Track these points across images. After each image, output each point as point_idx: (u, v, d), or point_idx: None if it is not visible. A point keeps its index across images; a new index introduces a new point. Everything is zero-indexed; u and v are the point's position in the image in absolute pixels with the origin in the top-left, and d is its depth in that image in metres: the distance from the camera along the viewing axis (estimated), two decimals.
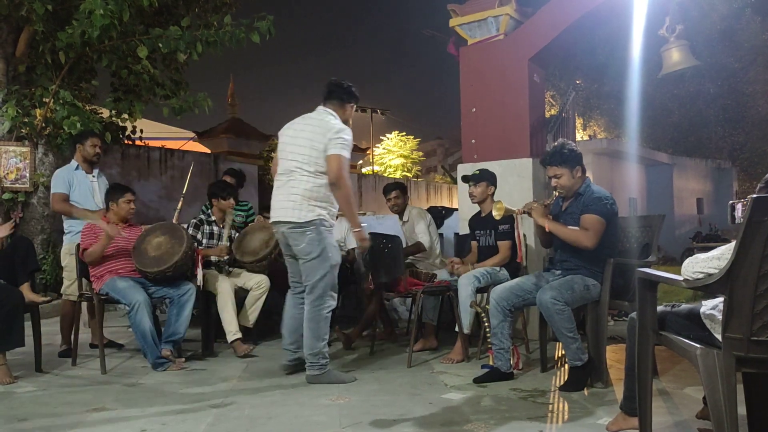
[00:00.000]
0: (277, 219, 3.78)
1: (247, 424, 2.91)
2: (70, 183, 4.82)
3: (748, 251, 1.89)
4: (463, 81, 5.40)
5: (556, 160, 3.61)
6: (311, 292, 3.74)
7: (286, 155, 3.80)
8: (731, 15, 17.80)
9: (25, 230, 7.12)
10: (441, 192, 21.47)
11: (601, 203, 3.49)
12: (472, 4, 5.30)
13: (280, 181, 3.81)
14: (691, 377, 3.51)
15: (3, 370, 3.76)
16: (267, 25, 6.72)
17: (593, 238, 3.44)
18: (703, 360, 2.01)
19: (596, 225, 3.45)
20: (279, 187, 3.81)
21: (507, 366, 3.64)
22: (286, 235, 3.76)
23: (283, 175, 3.79)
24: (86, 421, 3.00)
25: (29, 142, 7.15)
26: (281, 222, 3.75)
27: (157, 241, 4.36)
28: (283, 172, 3.79)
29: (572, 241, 3.49)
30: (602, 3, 4.84)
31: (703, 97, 21.34)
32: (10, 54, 7.18)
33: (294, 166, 3.74)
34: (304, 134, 3.77)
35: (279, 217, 3.76)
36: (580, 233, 3.47)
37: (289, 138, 3.83)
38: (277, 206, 3.79)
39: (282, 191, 3.77)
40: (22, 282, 4.03)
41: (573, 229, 3.51)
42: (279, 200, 3.79)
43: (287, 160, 3.78)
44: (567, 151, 3.60)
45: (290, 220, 3.69)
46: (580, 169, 3.62)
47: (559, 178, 3.62)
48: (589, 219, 3.47)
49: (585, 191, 3.60)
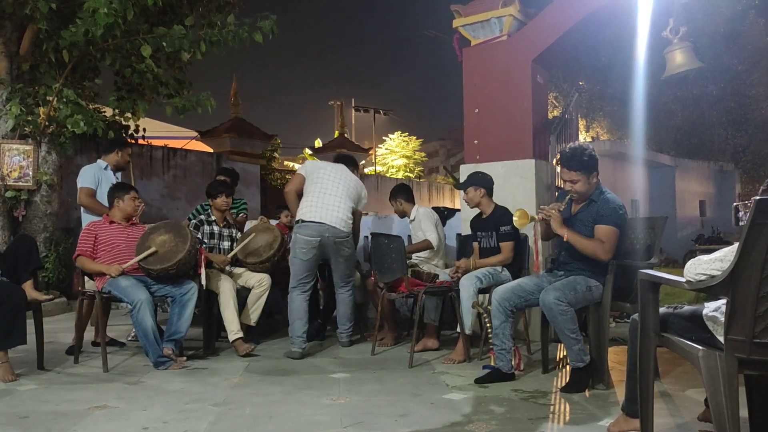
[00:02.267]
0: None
1: (248, 423, 2.91)
2: (99, 180, 4.90)
3: (750, 253, 1.89)
4: (466, 81, 5.39)
5: (575, 165, 3.50)
6: (348, 283, 4.79)
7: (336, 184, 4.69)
8: (735, 17, 17.75)
9: (28, 228, 7.13)
10: (443, 193, 21.48)
11: (615, 213, 3.45)
12: (475, 4, 5.29)
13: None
14: (693, 379, 3.51)
15: (5, 368, 3.77)
16: (270, 24, 6.73)
17: (609, 251, 3.42)
18: (705, 362, 2.01)
19: (612, 237, 3.42)
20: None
21: (508, 367, 3.64)
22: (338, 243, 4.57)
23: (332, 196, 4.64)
24: (88, 418, 3.01)
25: (32, 140, 7.16)
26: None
27: (161, 239, 4.36)
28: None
29: (589, 253, 3.43)
30: (606, 4, 4.83)
31: (706, 99, 21.28)
32: (14, 52, 7.19)
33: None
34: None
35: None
36: (597, 247, 3.41)
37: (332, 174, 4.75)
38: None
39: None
40: (24, 280, 4.03)
41: (591, 241, 3.45)
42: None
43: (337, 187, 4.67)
44: (587, 158, 3.50)
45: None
46: (596, 175, 3.56)
47: (575, 183, 3.53)
48: (604, 231, 3.42)
49: (598, 198, 3.53)
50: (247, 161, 11.99)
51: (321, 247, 4.51)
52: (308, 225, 4.50)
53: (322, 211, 4.51)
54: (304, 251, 4.51)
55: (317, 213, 4.51)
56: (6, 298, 3.74)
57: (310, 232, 4.49)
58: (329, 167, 4.80)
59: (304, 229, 4.51)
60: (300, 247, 4.51)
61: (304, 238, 4.50)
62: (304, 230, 4.51)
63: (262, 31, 6.76)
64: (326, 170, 4.74)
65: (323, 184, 4.63)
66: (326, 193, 4.59)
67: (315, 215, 4.50)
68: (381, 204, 15.33)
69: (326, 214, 4.50)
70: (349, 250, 4.66)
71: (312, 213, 4.52)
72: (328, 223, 4.48)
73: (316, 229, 4.48)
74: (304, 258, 4.52)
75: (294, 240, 4.59)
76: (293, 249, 4.59)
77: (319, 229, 4.47)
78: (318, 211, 4.51)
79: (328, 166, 4.82)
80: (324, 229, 4.48)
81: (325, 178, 4.66)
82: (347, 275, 4.73)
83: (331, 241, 4.51)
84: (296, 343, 4.45)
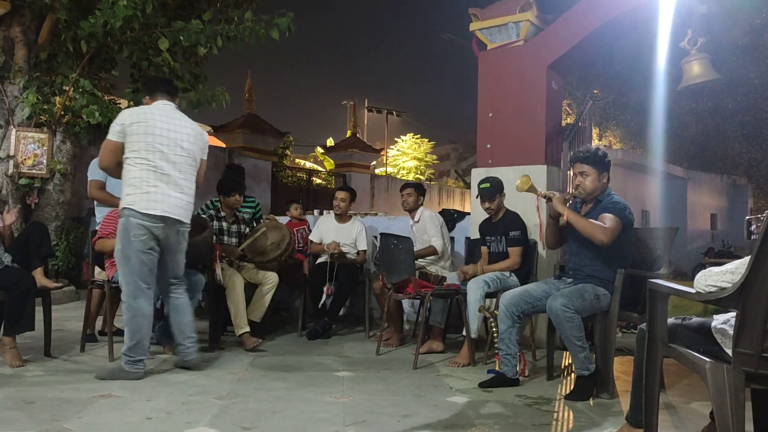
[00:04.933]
0: (178, 218, 3.75)
1: (251, 417, 2.92)
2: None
3: (762, 267, 1.88)
4: (481, 85, 5.39)
5: (589, 159, 3.59)
6: (183, 282, 3.96)
7: (172, 148, 3.74)
8: (754, 30, 17.65)
9: (40, 216, 7.19)
10: (453, 196, 21.48)
11: (620, 209, 3.48)
12: (493, 8, 5.29)
13: (165, 175, 3.71)
14: (699, 392, 3.48)
15: (12, 353, 3.81)
16: (287, 21, 6.77)
17: (609, 234, 3.36)
18: (713, 374, 2.00)
19: (614, 223, 3.40)
20: (167, 182, 3.71)
21: (513, 372, 3.63)
22: (181, 234, 3.82)
23: (167, 169, 3.72)
24: (92, 406, 3.02)
25: (48, 129, 7.22)
26: (181, 222, 3.78)
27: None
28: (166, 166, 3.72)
29: (588, 233, 3.39)
30: (624, 13, 4.82)
31: (721, 112, 21.16)
32: (33, 41, 7.26)
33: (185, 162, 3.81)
34: (187, 131, 3.84)
35: (178, 216, 3.75)
36: (596, 226, 3.39)
37: (166, 131, 3.75)
38: (173, 203, 3.72)
39: (174, 187, 3.74)
40: (35, 267, 4.07)
41: (591, 221, 3.44)
42: (175, 196, 3.74)
43: (175, 155, 3.75)
44: (601, 155, 3.62)
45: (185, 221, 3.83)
46: (607, 176, 3.62)
47: (585, 176, 3.57)
48: (608, 217, 3.42)
49: (604, 198, 3.59)
50: (259, 157, 12.03)
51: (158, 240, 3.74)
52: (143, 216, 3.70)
53: (167, 197, 3.72)
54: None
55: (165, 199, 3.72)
56: (16, 284, 3.78)
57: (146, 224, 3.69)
58: (160, 123, 3.74)
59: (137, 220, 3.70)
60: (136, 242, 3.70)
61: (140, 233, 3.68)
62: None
63: (279, 28, 6.80)
64: (158, 129, 3.72)
65: (158, 156, 3.70)
66: (160, 169, 3.71)
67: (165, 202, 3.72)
68: (391, 205, 15.34)
69: (172, 201, 3.73)
70: (185, 242, 3.90)
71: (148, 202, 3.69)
72: (180, 218, 3.77)
73: (163, 220, 3.70)
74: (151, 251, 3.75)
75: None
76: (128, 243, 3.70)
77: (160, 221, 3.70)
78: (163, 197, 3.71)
79: (158, 121, 3.75)
80: (170, 222, 3.73)
81: (156, 147, 3.70)
82: (181, 268, 3.92)
83: (174, 233, 3.78)
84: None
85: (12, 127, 7.06)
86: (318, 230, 5.68)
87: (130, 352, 3.63)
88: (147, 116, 3.74)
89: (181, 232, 3.85)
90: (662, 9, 4.68)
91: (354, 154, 14.63)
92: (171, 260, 3.84)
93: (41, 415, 2.86)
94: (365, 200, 14.98)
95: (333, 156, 15.49)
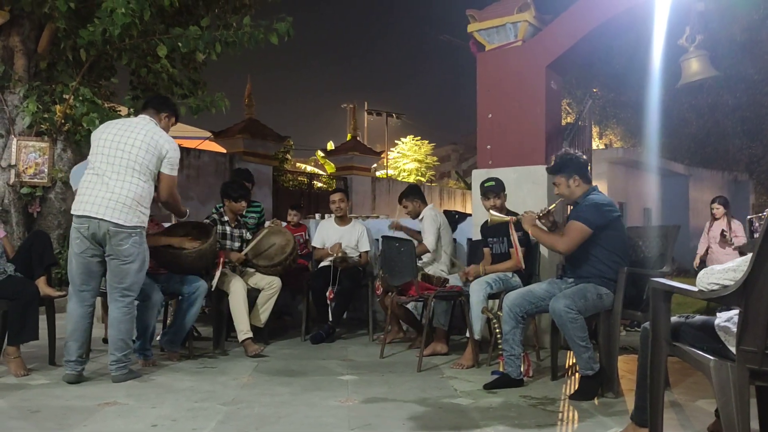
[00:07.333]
0: (102, 217, 3.64)
1: (256, 422, 2.92)
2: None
3: (764, 264, 1.88)
4: (480, 86, 5.39)
5: (554, 169, 3.73)
6: (127, 295, 3.76)
7: (113, 150, 3.75)
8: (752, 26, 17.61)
9: (42, 225, 7.20)
10: (454, 197, 21.48)
11: (595, 210, 3.50)
12: (490, 9, 5.30)
13: (98, 176, 3.74)
14: (703, 390, 3.48)
15: (17, 363, 3.81)
16: (286, 26, 6.77)
17: (567, 243, 3.50)
18: (717, 372, 2.00)
19: (574, 232, 3.49)
20: (97, 182, 3.72)
21: (517, 373, 3.63)
22: (115, 237, 3.66)
23: (101, 170, 3.74)
24: (98, 414, 3.03)
25: (48, 137, 7.23)
26: (106, 221, 3.64)
27: (185, 230, 4.61)
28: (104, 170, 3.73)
29: (548, 246, 3.65)
30: (622, 12, 4.82)
31: (721, 109, 21.11)
32: (32, 50, 7.28)
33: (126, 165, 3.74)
34: (140, 137, 3.79)
35: (103, 215, 3.64)
36: (555, 238, 3.59)
37: (112, 135, 3.81)
38: (98, 202, 3.66)
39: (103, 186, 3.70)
40: (38, 276, 4.07)
41: (550, 234, 3.64)
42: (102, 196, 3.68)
43: (114, 156, 3.75)
44: (561, 161, 3.69)
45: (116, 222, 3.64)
46: (579, 178, 3.64)
47: (557, 186, 3.72)
48: (569, 225, 3.56)
49: (582, 200, 3.62)
50: (260, 162, 12.04)
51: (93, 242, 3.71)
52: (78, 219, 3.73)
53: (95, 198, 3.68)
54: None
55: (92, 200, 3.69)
56: (19, 294, 3.79)
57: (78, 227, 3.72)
58: (107, 135, 3.84)
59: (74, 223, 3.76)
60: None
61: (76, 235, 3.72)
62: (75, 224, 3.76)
63: (278, 32, 6.80)
64: (104, 140, 3.81)
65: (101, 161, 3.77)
66: (96, 172, 3.76)
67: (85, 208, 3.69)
68: (392, 207, 15.34)
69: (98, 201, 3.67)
70: (126, 246, 3.69)
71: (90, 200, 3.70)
72: (104, 218, 3.64)
73: (88, 220, 3.67)
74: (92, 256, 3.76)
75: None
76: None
77: (88, 224, 3.67)
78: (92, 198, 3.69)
79: (109, 132, 3.85)
80: (93, 223, 3.65)
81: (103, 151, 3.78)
82: (123, 279, 3.73)
83: (102, 235, 3.67)
84: (68, 368, 3.70)
85: (13, 136, 7.07)
86: (320, 235, 5.67)
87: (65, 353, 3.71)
88: (105, 126, 3.91)
89: (115, 234, 3.63)
90: (660, 7, 4.69)
91: (354, 157, 14.64)
92: (112, 266, 3.73)
93: (47, 424, 2.87)
94: (366, 203, 14.98)
95: (333, 159, 15.50)
